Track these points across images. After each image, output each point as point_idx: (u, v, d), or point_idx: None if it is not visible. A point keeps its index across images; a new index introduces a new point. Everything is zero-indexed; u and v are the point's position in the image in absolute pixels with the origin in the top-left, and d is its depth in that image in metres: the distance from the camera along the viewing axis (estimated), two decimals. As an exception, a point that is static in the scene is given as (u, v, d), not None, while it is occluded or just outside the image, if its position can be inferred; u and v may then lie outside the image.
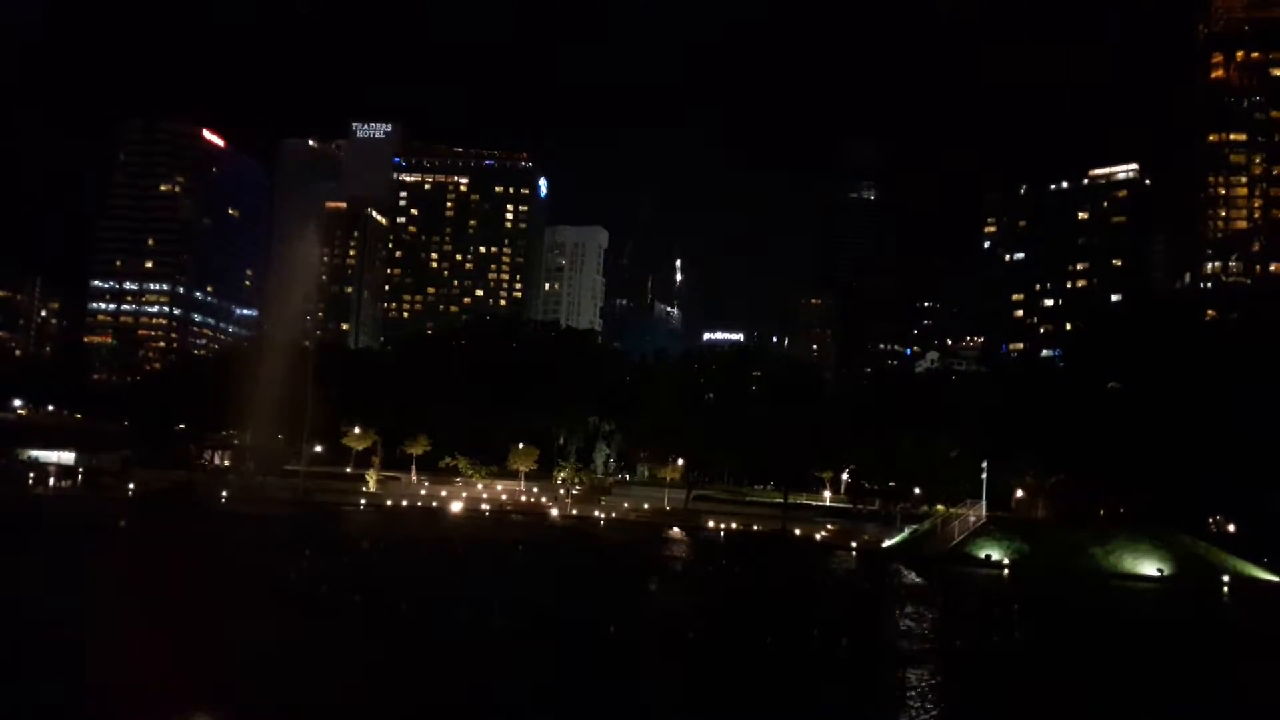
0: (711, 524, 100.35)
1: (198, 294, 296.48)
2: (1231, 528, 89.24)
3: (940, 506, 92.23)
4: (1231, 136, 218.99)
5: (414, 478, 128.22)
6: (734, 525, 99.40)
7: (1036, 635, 43.76)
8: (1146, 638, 47.55)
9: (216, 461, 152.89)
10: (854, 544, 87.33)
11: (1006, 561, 74.92)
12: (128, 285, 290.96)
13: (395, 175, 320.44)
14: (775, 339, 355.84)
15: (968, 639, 38.67)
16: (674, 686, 28.43)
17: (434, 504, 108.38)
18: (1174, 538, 76.57)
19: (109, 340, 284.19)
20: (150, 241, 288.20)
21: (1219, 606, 62.93)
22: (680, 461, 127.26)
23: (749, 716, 25.08)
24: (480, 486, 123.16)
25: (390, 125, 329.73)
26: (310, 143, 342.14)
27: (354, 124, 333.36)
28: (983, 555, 76.38)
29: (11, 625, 29.41)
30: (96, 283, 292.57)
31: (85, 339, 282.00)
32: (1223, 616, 58.96)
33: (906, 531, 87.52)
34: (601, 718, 23.47)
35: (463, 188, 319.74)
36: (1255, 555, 75.85)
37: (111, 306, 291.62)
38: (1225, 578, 71.26)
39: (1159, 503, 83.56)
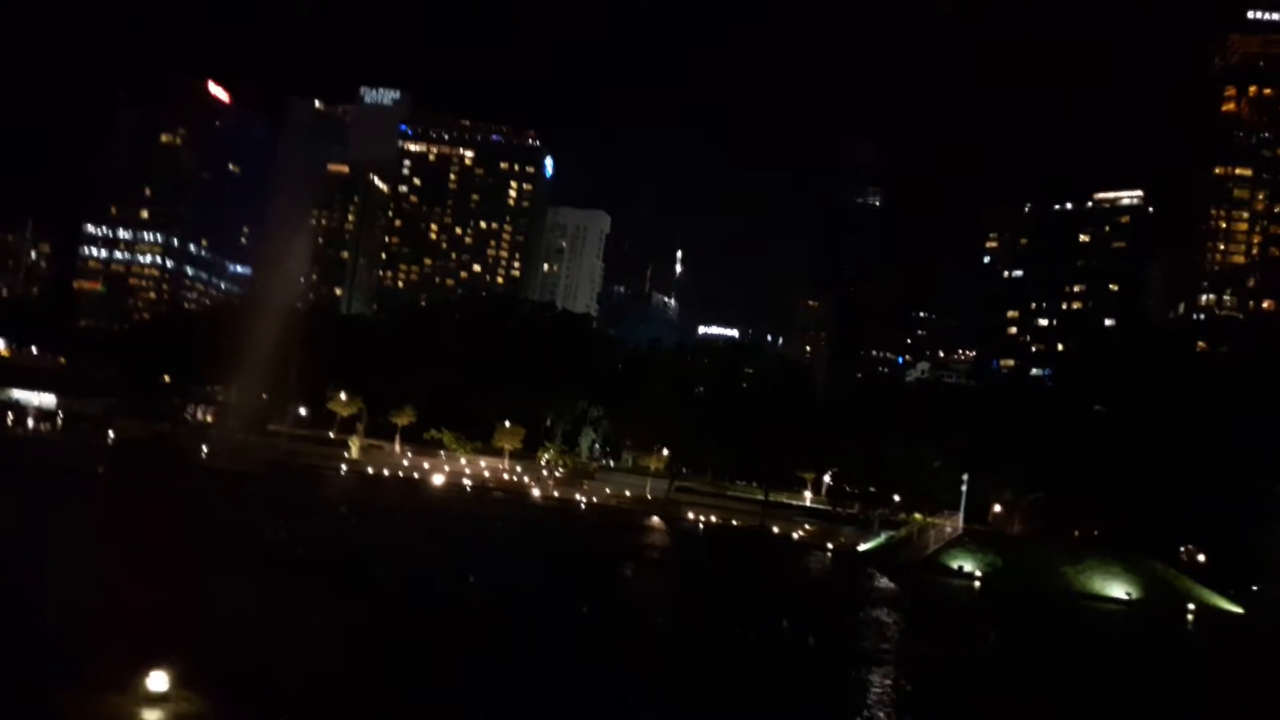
0: (691, 515, 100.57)
1: (192, 247, 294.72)
2: (1201, 558, 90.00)
3: (918, 515, 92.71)
4: (1237, 171, 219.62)
5: (397, 447, 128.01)
6: (714, 518, 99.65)
7: (1002, 648, 43.99)
8: (1110, 658, 47.94)
9: (199, 416, 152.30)
10: (830, 545, 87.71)
11: (979, 574, 75.39)
12: (121, 233, 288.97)
13: (400, 143, 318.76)
14: (770, 338, 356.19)
15: (934, 646, 38.86)
16: (640, 669, 28.51)
17: (415, 475, 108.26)
18: (1144, 563, 77.28)
19: (99, 287, 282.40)
20: (147, 191, 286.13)
21: (1183, 633, 63.47)
22: (665, 452, 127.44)
23: (710, 702, 25.17)
24: (463, 461, 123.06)
25: (398, 92, 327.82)
26: (317, 104, 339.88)
27: (362, 88, 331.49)
28: (956, 566, 76.81)
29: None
30: (90, 228, 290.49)
31: (75, 284, 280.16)
32: (1186, 642, 59.43)
33: (883, 537, 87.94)
34: (566, 696, 23.50)
35: (467, 161, 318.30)
36: (1222, 587, 76.62)
37: (103, 253, 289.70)
38: (1191, 606, 71.98)
39: (1133, 528, 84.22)
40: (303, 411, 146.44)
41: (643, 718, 22.93)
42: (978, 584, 72.98)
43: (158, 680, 15.67)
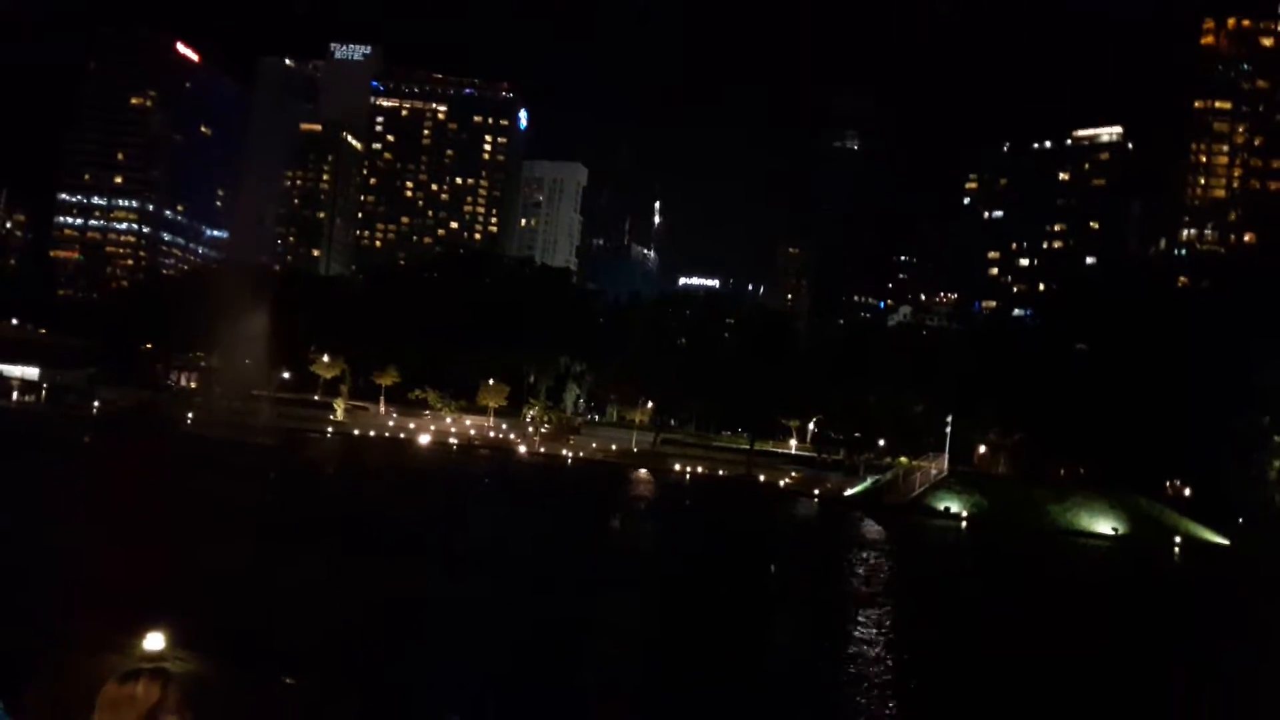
0: (678, 467, 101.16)
1: (167, 212, 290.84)
2: (1188, 492, 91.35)
3: (903, 459, 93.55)
4: (1216, 104, 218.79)
5: (382, 408, 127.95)
6: (700, 469, 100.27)
7: (988, 584, 44.63)
8: (1094, 590, 48.77)
9: (183, 383, 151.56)
10: (816, 492, 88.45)
11: (965, 514, 76.25)
12: (96, 200, 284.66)
13: (372, 100, 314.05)
14: (751, 287, 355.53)
15: (919, 585, 39.40)
16: (627, 616, 28.78)
17: (401, 435, 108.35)
18: (1130, 498, 78.30)
19: (76, 256, 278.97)
20: (120, 156, 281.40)
21: (1169, 565, 64.54)
22: (649, 404, 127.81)
23: (698, 643, 25.45)
24: (449, 420, 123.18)
25: (369, 47, 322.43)
26: (287, 62, 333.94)
27: (332, 45, 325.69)
28: (942, 507, 77.64)
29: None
30: (64, 196, 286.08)
31: (51, 253, 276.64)
32: (1171, 574, 60.45)
33: (869, 481, 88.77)
34: (554, 642, 23.71)
35: (440, 116, 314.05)
36: (1208, 519, 77.80)
37: (79, 221, 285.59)
38: (1177, 539, 73.05)
39: (1118, 464, 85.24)
40: (286, 375, 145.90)
41: (630, 666, 23.17)
42: (964, 524, 73.84)
43: (154, 641, 15.73)
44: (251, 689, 16.09)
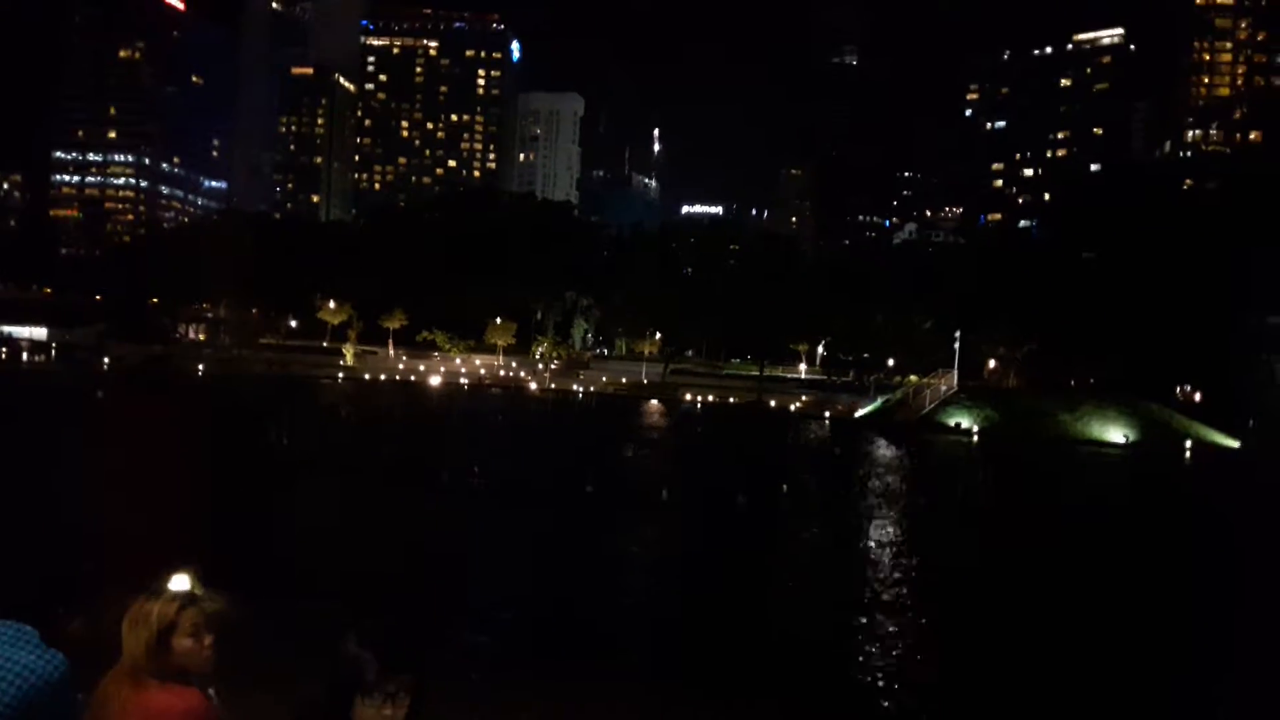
0: (689, 396, 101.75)
1: (164, 165, 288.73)
2: (1198, 396, 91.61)
3: (913, 377, 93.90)
4: (1218, 0, 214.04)
5: (391, 351, 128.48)
6: (711, 398, 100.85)
7: (1000, 494, 45.22)
8: (1105, 496, 49.36)
9: (191, 335, 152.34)
10: (828, 413, 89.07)
11: (976, 429, 76.78)
12: (91, 157, 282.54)
13: (363, 39, 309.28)
14: (755, 211, 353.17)
15: (932, 496, 39.96)
16: (648, 539, 29.39)
17: (412, 378, 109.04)
18: (1140, 405, 78.70)
19: (75, 214, 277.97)
20: (112, 111, 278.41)
21: (1180, 469, 65.07)
22: (658, 335, 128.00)
23: (716, 559, 26.02)
24: (458, 361, 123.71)
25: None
26: (274, 5, 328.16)
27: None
28: (953, 423, 78.19)
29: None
30: (59, 154, 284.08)
31: (50, 212, 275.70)
32: (1180, 479, 60.99)
33: (879, 401, 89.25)
34: (578, 567, 24.27)
35: (432, 52, 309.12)
36: (1219, 422, 78.23)
37: (76, 179, 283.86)
38: (1188, 443, 73.52)
39: (1128, 371, 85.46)
40: (293, 323, 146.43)
41: (644, 579, 23.74)
42: (975, 438, 74.40)
43: (179, 581, 16.18)
44: (279, 619, 16.56)
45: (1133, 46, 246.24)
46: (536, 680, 15.51)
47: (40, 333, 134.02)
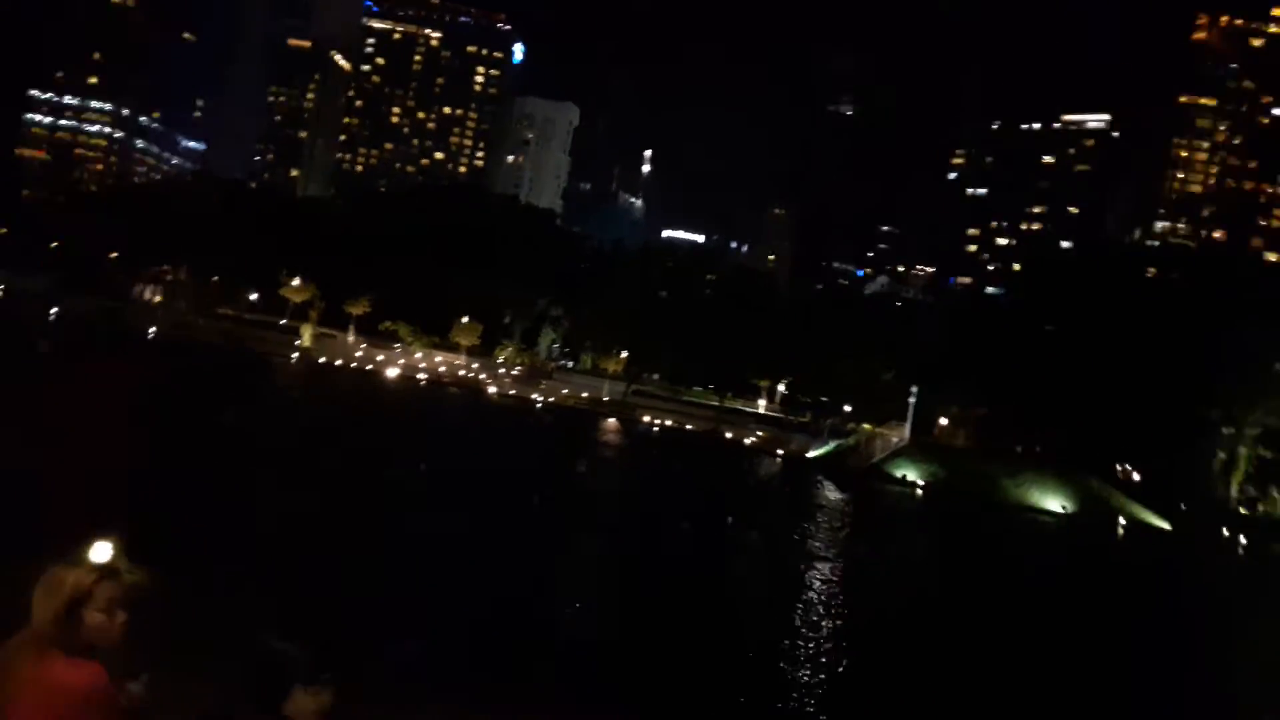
0: (647, 419, 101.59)
1: (143, 119, 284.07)
2: (1136, 476, 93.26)
3: (867, 425, 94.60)
4: (1202, 100, 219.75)
5: (351, 337, 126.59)
6: (669, 422, 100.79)
7: (936, 549, 45.52)
8: (1035, 562, 49.92)
9: (147, 295, 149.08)
10: (781, 451, 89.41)
11: (921, 483, 77.49)
12: (68, 100, 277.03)
13: (365, 20, 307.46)
14: (735, 244, 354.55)
15: (871, 545, 40.12)
16: (586, 555, 29.15)
17: (369, 367, 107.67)
18: (1080, 477, 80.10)
19: (43, 155, 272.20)
20: (96, 56, 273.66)
21: (1111, 544, 66.11)
22: (624, 354, 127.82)
23: (653, 584, 25.85)
24: (419, 355, 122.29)
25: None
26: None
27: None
28: (900, 474, 78.87)
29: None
30: (34, 92, 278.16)
31: (16, 151, 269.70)
32: (1110, 553, 61.88)
33: (832, 444, 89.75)
34: (514, 575, 23.97)
35: (433, 42, 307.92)
36: (1153, 503, 79.74)
37: (48, 120, 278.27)
38: (1121, 520, 74.84)
39: (1074, 444, 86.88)
40: (254, 296, 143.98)
41: (580, 597, 23.50)
42: (920, 492, 75.07)
43: (101, 550, 15.66)
44: (197, 599, 16.11)
45: (1116, 134, 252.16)
46: (461, 694, 15.24)
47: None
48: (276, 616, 15.99)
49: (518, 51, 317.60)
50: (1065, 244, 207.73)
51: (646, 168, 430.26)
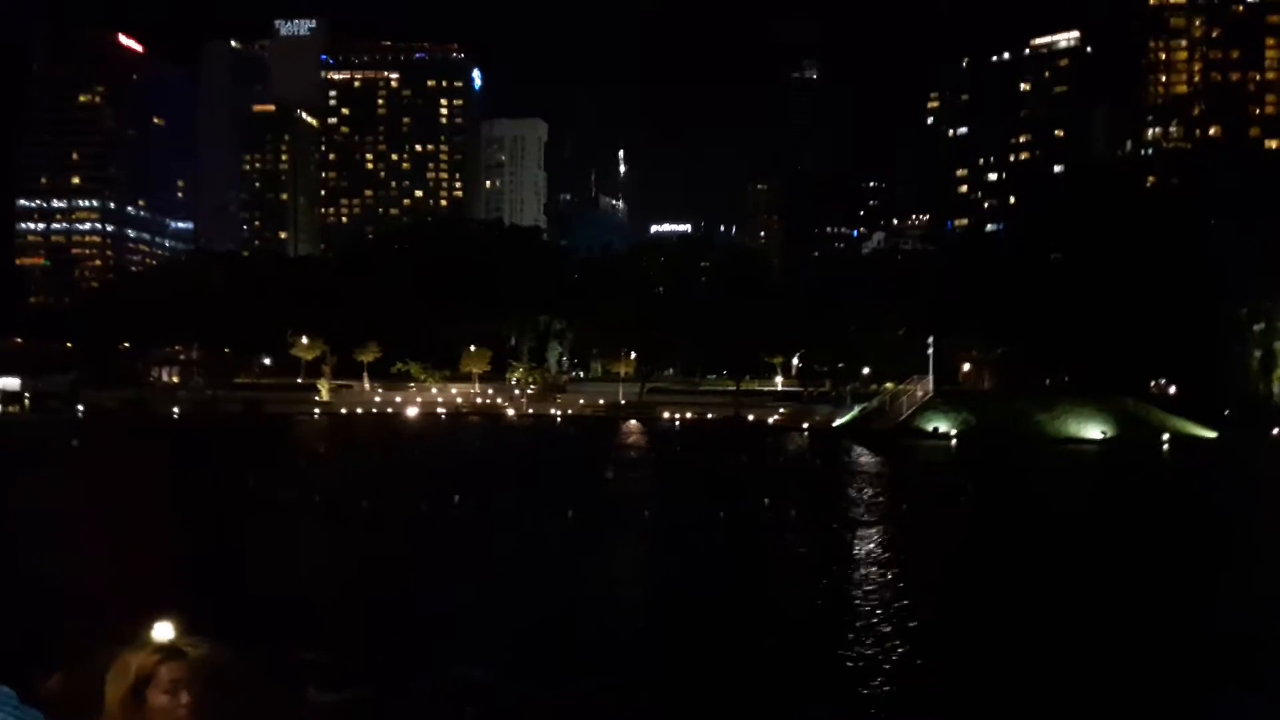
0: (666, 415, 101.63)
1: (129, 209, 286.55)
2: (1172, 390, 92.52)
3: (889, 384, 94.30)
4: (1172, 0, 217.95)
5: (366, 385, 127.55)
6: (688, 415, 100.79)
7: (982, 499, 45.41)
8: (1086, 493, 49.74)
9: (165, 378, 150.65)
10: (805, 425, 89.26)
11: (954, 432, 77.17)
12: (55, 203, 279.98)
13: (323, 74, 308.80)
14: (723, 227, 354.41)
15: (914, 505, 40.08)
16: (633, 560, 29.31)
17: (389, 409, 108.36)
18: (1116, 401, 79.38)
19: (42, 262, 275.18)
20: (74, 156, 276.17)
21: (1158, 463, 65.63)
22: (633, 355, 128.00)
23: (703, 577, 25.95)
24: (434, 390, 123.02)
25: (314, 21, 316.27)
26: (233, 44, 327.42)
27: (277, 22, 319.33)
28: (930, 428, 78.55)
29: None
30: (23, 202, 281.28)
31: (17, 261, 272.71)
32: (1158, 469, 61.52)
33: (856, 410, 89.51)
34: (562, 591, 24.13)
35: (394, 83, 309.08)
36: (1194, 414, 79.02)
37: (41, 226, 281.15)
38: (1165, 436, 74.20)
39: (1102, 369, 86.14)
40: (267, 361, 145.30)
41: (627, 601, 23.63)
42: (954, 443, 74.75)
43: (162, 630, 15.90)
44: (267, 668, 16.35)
45: (1090, 49, 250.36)
46: (531, 710, 15.40)
47: (13, 383, 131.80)
48: (325, 670, 16.26)
49: (477, 78, 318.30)
50: (1056, 168, 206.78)
51: (623, 168, 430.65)
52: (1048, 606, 23.31)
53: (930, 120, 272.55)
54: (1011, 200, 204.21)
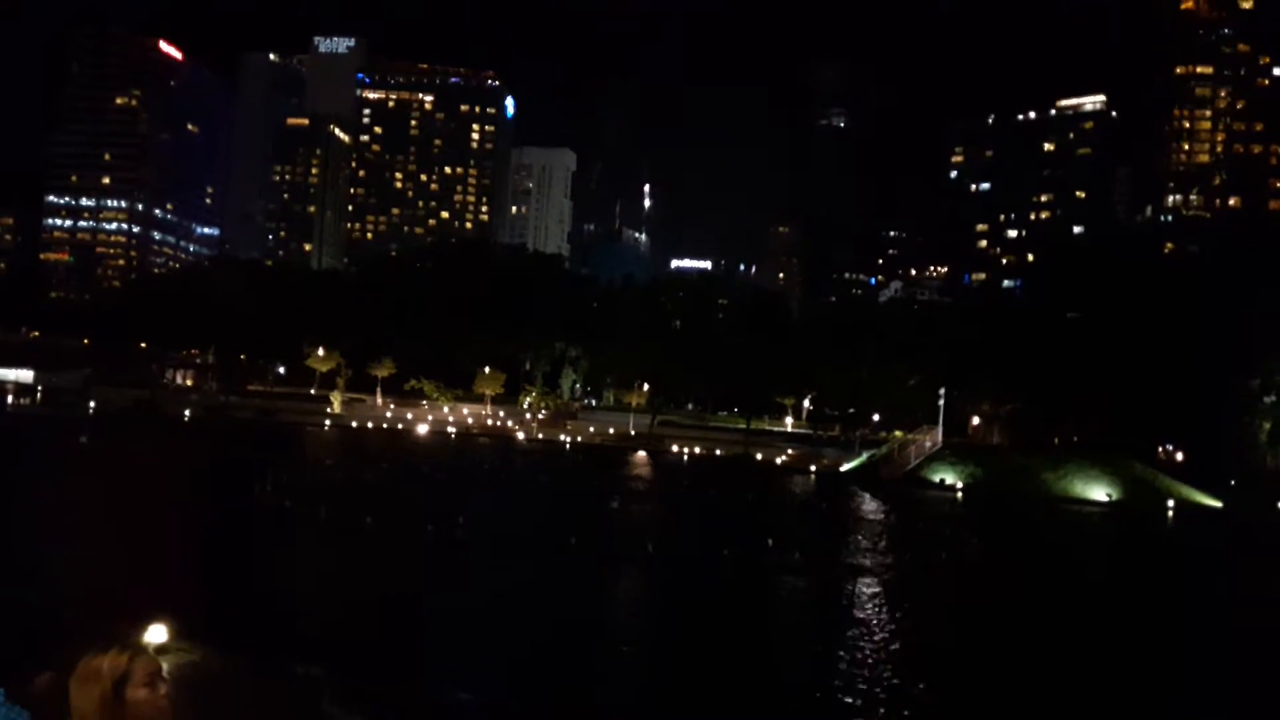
0: (675, 448, 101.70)
1: (157, 211, 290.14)
2: (1180, 456, 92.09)
3: (898, 432, 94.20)
4: (1198, 69, 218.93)
5: (379, 400, 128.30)
6: (698, 450, 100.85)
7: (986, 552, 45.35)
8: (1089, 554, 49.60)
9: (179, 380, 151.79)
10: (813, 468, 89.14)
11: (960, 485, 76.93)
12: (84, 202, 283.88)
13: (358, 92, 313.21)
14: (743, 267, 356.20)
15: (918, 554, 40.05)
16: (630, 591, 29.43)
17: (399, 426, 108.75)
18: (1123, 464, 79.01)
19: (66, 258, 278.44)
20: (106, 156, 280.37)
21: (1163, 529, 65.27)
22: (645, 387, 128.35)
23: (700, 616, 26.06)
24: (446, 409, 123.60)
25: (353, 40, 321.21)
26: (271, 57, 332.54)
27: (316, 38, 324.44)
28: (937, 479, 78.33)
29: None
30: (52, 198, 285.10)
31: (41, 256, 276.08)
32: (1165, 536, 61.21)
33: (864, 456, 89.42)
34: (558, 621, 24.28)
35: (427, 106, 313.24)
36: (1201, 483, 78.53)
37: (68, 223, 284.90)
38: (1170, 502, 73.76)
39: (1111, 431, 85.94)
40: (282, 370, 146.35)
41: (632, 636, 23.74)
42: (959, 494, 74.52)
43: (155, 633, 16.10)
44: (259, 678, 16.56)
45: (1114, 113, 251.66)
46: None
47: (26, 375, 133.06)
48: (336, 683, 16.47)
49: (510, 105, 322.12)
50: (1076, 229, 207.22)
51: (648, 203, 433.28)
52: (1041, 661, 23.34)
53: (953, 174, 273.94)
54: (1030, 257, 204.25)
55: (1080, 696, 20.32)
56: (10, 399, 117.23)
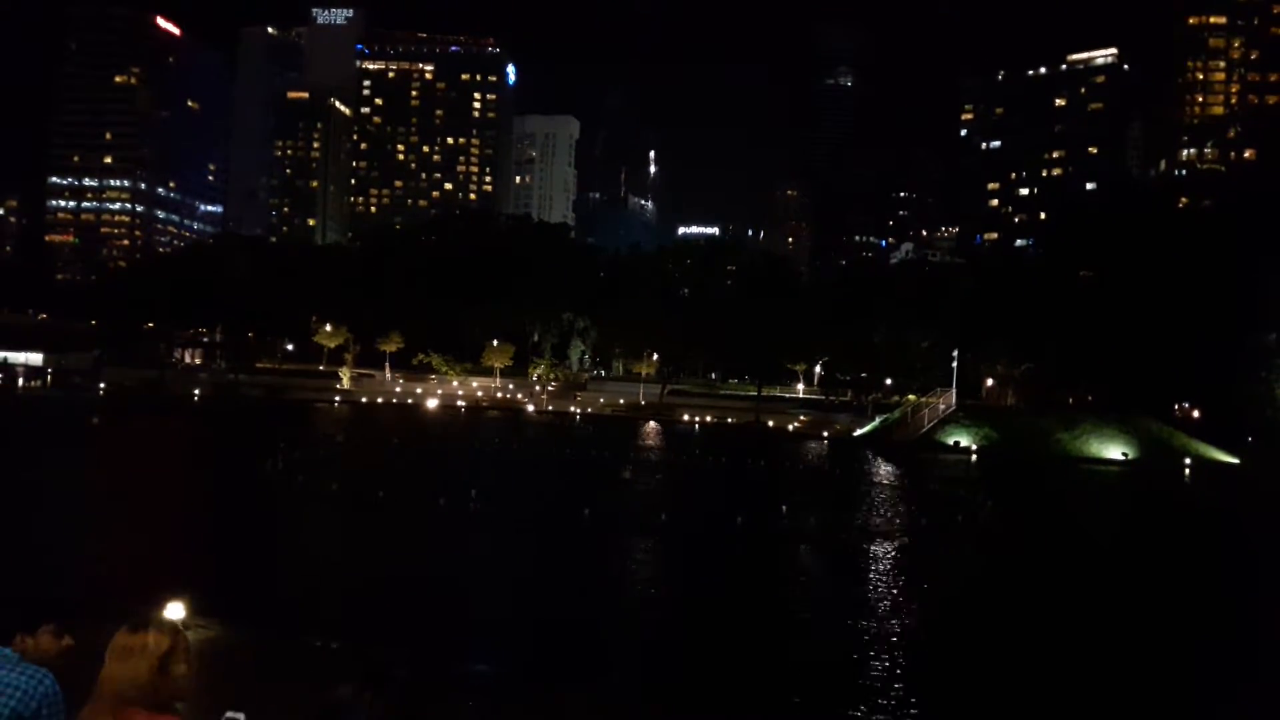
0: (686, 417, 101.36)
1: (160, 190, 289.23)
2: (1196, 413, 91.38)
3: (911, 395, 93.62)
4: (1211, 19, 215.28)
5: (388, 375, 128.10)
6: (708, 418, 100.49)
7: (1002, 514, 44.89)
8: (1107, 514, 49.10)
9: (188, 359, 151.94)
10: (826, 433, 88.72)
11: (975, 447, 76.47)
12: (87, 182, 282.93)
13: (358, 63, 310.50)
14: (751, 232, 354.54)
15: (933, 518, 39.59)
16: (646, 562, 29.05)
17: (409, 400, 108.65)
18: (1139, 422, 78.44)
19: (71, 239, 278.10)
20: (108, 135, 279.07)
21: (1180, 486, 64.74)
22: (655, 356, 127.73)
23: (718, 584, 25.66)
24: (455, 383, 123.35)
25: (351, 10, 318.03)
26: (269, 30, 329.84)
27: (314, 10, 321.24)
28: (952, 442, 77.86)
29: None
30: (54, 179, 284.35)
31: (46, 238, 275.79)
32: (1181, 494, 60.67)
33: (877, 420, 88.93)
34: (574, 592, 23.90)
35: (428, 76, 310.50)
36: (1217, 439, 77.93)
37: (71, 204, 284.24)
38: (1187, 460, 73.22)
39: (1126, 390, 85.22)
40: (290, 346, 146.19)
41: (642, 602, 23.35)
42: (974, 457, 74.06)
43: (173, 610, 15.82)
44: (275, 654, 16.21)
45: (1126, 66, 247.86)
46: (534, 708, 15.18)
47: (36, 358, 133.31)
48: (351, 656, 16.12)
49: (511, 73, 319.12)
50: (1089, 186, 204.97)
51: (653, 169, 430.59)
52: (1058, 623, 22.88)
53: (963, 132, 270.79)
54: (1042, 216, 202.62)
55: (1099, 667, 19.84)
56: (21, 381, 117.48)
